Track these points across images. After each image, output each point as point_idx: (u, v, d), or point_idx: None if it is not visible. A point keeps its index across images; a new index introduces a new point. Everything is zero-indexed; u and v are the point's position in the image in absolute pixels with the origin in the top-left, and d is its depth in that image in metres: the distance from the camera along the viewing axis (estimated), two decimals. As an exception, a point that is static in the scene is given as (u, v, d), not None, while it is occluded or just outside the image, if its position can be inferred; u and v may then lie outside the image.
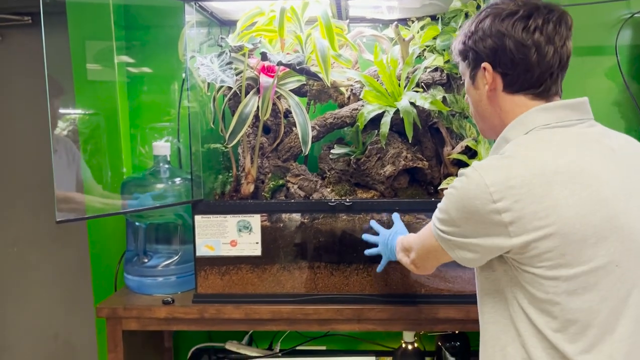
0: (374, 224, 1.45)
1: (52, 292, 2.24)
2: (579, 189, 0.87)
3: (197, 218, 1.51)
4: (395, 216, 1.45)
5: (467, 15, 1.52)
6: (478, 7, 1.48)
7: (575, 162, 0.90)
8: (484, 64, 1.00)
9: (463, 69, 1.09)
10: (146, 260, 1.65)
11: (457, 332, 1.73)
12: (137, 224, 1.66)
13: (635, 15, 1.78)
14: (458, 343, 1.72)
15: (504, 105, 1.01)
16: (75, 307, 2.22)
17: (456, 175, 1.53)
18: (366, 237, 1.45)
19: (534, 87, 0.98)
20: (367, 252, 1.43)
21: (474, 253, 0.97)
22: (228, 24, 1.77)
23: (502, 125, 1.01)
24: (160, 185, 1.63)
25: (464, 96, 1.56)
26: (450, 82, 1.57)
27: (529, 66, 0.96)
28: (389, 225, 1.45)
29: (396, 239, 1.31)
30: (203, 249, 1.52)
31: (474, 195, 0.91)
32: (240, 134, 1.46)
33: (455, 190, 0.95)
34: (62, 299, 2.24)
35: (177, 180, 1.66)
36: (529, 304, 0.93)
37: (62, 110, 1.69)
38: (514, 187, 0.88)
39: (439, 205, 1.01)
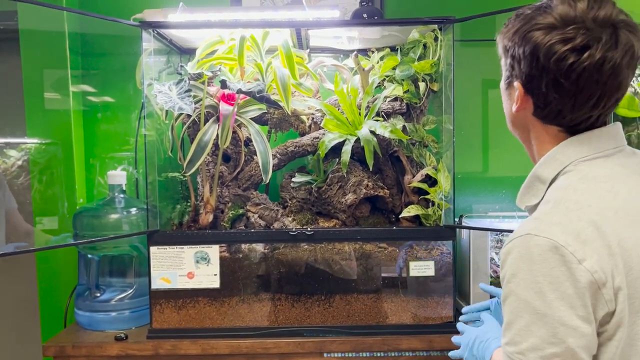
0: (460, 325, 1.10)
1: (-3, 330, 2.11)
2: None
3: (153, 249, 1.46)
4: (485, 316, 1.09)
5: (425, 47, 1.55)
6: (436, 38, 1.52)
7: (631, 201, 0.77)
8: (516, 84, 0.84)
9: (502, 65, 0.90)
10: (98, 295, 1.58)
11: (421, 363, 1.70)
12: (89, 256, 1.59)
13: None
14: (422, 374, 1.70)
15: (533, 129, 0.87)
16: (21, 346, 2.09)
17: (417, 202, 1.54)
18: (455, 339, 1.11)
19: (565, 126, 0.84)
20: (451, 354, 1.08)
21: None
22: (188, 52, 1.76)
23: (529, 141, 0.90)
24: (114, 216, 1.58)
25: (423, 125, 1.58)
26: (409, 111, 1.58)
27: (561, 109, 0.81)
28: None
29: (488, 348, 0.96)
30: (159, 282, 1.46)
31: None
32: (199, 162, 1.43)
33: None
34: (7, 337, 2.11)
35: (133, 210, 1.60)
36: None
37: (9, 140, 1.63)
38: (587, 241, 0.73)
39: None
